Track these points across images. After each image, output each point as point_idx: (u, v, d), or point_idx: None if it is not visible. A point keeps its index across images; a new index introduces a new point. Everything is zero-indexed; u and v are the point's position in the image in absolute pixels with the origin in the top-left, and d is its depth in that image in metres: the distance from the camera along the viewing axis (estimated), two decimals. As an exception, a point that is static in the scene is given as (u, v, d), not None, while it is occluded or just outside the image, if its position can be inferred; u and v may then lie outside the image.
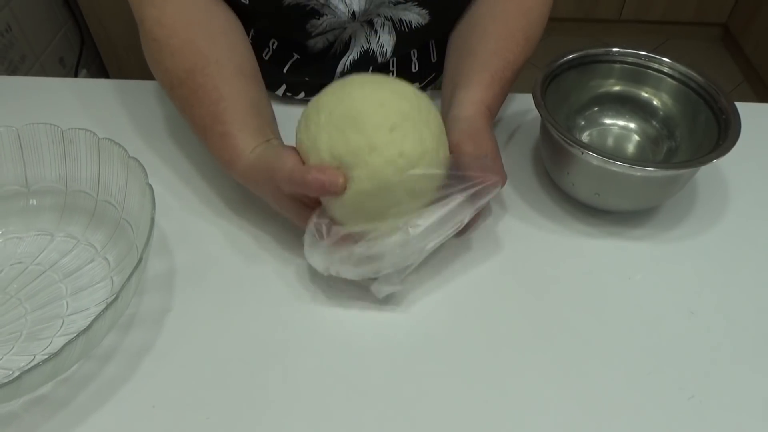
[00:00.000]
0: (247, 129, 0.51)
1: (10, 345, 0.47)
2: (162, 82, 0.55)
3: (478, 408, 0.43)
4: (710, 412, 0.44)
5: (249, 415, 0.43)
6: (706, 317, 0.49)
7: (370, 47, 0.64)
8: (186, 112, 0.54)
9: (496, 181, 0.47)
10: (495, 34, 0.58)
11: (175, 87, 0.53)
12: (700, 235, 0.55)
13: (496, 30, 0.58)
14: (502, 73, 0.55)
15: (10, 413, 0.43)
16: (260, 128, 0.52)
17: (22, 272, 0.51)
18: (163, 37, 0.53)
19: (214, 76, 0.52)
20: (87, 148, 0.52)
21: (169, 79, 0.54)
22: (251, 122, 0.52)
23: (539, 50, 0.62)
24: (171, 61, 0.53)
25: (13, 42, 1.27)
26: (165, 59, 0.53)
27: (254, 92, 0.54)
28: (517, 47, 0.57)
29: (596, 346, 0.47)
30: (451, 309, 0.49)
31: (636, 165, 0.49)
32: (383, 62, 0.65)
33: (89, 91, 0.69)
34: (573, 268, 0.52)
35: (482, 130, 0.51)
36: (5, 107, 0.67)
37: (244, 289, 0.50)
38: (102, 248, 0.53)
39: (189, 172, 0.60)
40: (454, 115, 0.53)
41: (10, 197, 0.54)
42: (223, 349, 0.47)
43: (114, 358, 0.46)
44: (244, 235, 0.54)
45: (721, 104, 0.54)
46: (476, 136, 0.50)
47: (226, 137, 0.51)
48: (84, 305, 0.49)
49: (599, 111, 0.62)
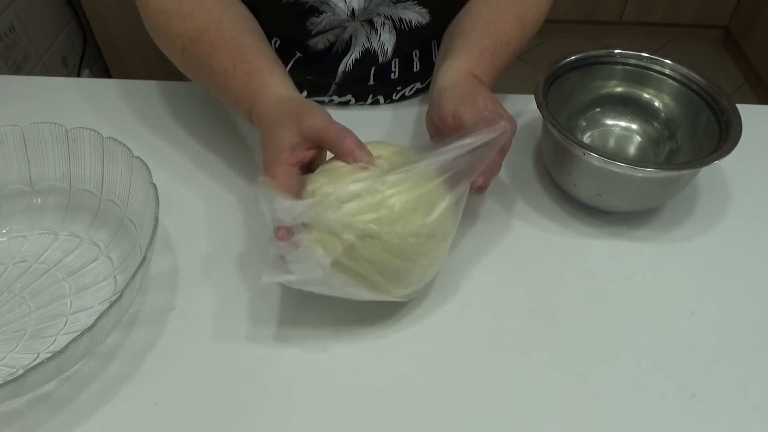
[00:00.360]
0: (276, 71, 0.50)
1: (14, 343, 0.47)
2: (173, 48, 0.54)
3: (479, 408, 0.44)
4: (710, 412, 0.44)
5: (250, 413, 0.43)
6: (707, 317, 0.49)
7: (371, 46, 0.64)
8: (203, 65, 0.52)
9: (503, 126, 0.44)
10: (488, 16, 0.57)
11: (187, 47, 0.52)
12: (701, 236, 0.55)
13: (489, 12, 0.58)
14: (493, 50, 0.54)
15: (14, 411, 0.43)
16: (287, 77, 0.51)
17: (25, 270, 0.52)
18: (171, 7, 0.53)
19: (230, 30, 0.51)
20: (91, 147, 0.52)
21: (181, 42, 0.53)
22: (278, 68, 0.51)
23: (540, 52, 0.62)
24: (182, 24, 0.52)
25: (17, 42, 1.27)
26: (175, 25, 0.53)
27: (272, 50, 0.53)
28: (511, 30, 0.56)
29: (597, 346, 0.47)
30: (450, 309, 0.49)
31: (637, 166, 0.49)
32: (384, 62, 0.66)
33: (92, 90, 0.70)
34: (574, 268, 0.53)
35: (471, 91, 0.50)
36: (9, 106, 0.67)
37: (247, 288, 0.51)
38: (105, 247, 0.53)
39: (192, 172, 0.60)
40: (439, 87, 0.52)
41: (15, 196, 0.54)
42: (226, 348, 0.47)
43: (117, 356, 0.46)
44: (247, 234, 0.54)
45: (722, 106, 0.54)
46: (468, 98, 0.49)
47: (254, 74, 0.50)
48: (87, 303, 0.49)
49: (601, 112, 0.62)
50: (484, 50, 0.54)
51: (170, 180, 0.59)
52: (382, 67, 0.66)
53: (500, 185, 0.59)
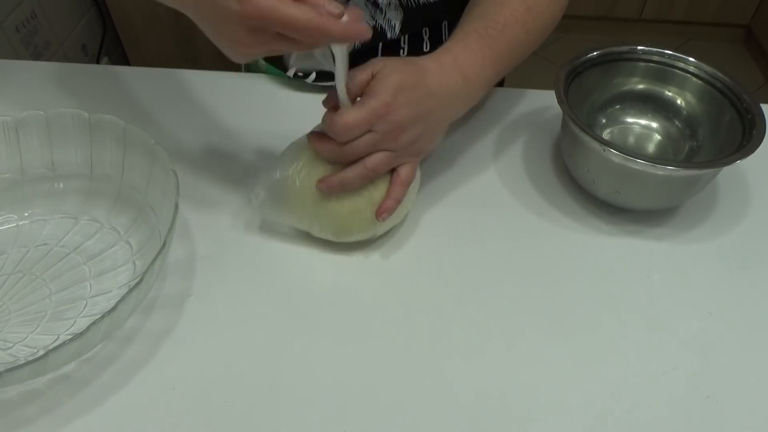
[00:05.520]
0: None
1: (35, 324, 0.48)
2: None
3: (494, 403, 0.44)
4: (726, 413, 0.43)
5: (266, 398, 0.44)
6: (724, 318, 0.49)
7: (376, 24, 0.62)
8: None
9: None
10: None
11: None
12: (720, 237, 0.55)
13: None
14: (483, 31, 0.52)
15: (35, 390, 0.44)
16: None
17: (46, 254, 0.52)
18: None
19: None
20: (112, 133, 0.53)
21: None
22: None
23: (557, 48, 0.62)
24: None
25: (38, 28, 1.28)
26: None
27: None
28: (512, 13, 0.53)
29: (612, 344, 0.47)
30: (467, 305, 0.50)
31: (658, 163, 0.49)
32: (393, 38, 0.64)
33: (113, 77, 0.70)
34: (591, 265, 0.52)
35: (402, 60, 0.48)
36: (31, 91, 0.68)
37: (263, 275, 0.51)
38: (125, 232, 0.53)
39: (209, 159, 0.60)
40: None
41: (37, 180, 0.55)
42: (242, 334, 0.47)
43: (135, 340, 0.47)
44: (265, 223, 0.55)
45: (746, 104, 0.53)
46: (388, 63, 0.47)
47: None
48: (107, 287, 0.50)
49: (621, 109, 0.61)
50: (472, 30, 0.52)
51: (188, 167, 0.59)
52: (391, 43, 0.65)
53: (518, 181, 0.59)
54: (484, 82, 0.53)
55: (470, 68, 0.51)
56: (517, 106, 0.67)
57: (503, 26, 0.53)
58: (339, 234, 0.51)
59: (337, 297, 0.50)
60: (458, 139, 0.63)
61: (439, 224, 0.55)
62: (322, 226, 0.51)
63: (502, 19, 0.53)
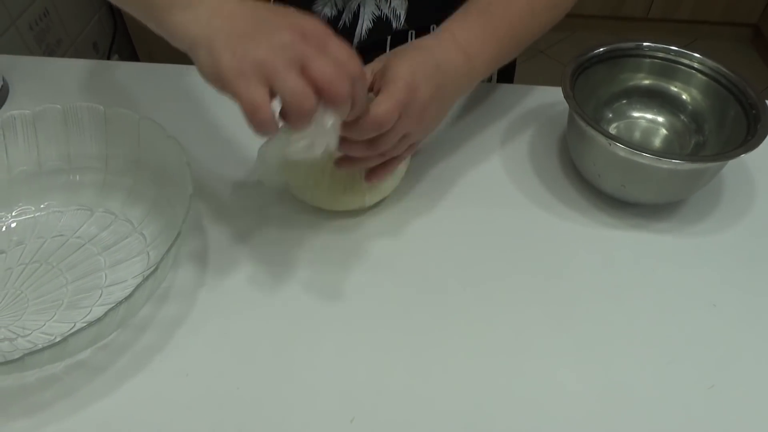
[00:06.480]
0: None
1: (51, 312, 0.49)
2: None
3: (497, 394, 0.45)
4: (730, 401, 0.44)
5: (277, 386, 0.45)
6: (728, 310, 0.50)
7: (381, 14, 0.62)
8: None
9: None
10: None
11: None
12: (725, 230, 0.56)
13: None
14: (485, 8, 0.51)
15: (53, 375, 0.45)
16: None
17: (62, 245, 0.54)
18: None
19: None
20: (127, 127, 0.54)
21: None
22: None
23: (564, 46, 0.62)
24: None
25: (50, 26, 1.30)
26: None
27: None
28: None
29: (617, 336, 0.48)
30: (473, 298, 0.50)
31: (663, 157, 0.50)
32: (399, 29, 0.64)
33: (124, 73, 0.71)
34: (596, 258, 0.53)
35: (407, 47, 0.48)
36: (45, 87, 0.69)
37: (274, 267, 0.52)
38: (139, 224, 0.54)
39: (221, 153, 0.61)
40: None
41: (54, 173, 0.56)
42: (253, 323, 0.48)
43: (149, 328, 0.48)
44: (277, 215, 0.56)
45: (751, 100, 0.54)
46: (395, 53, 0.47)
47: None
48: (121, 277, 0.51)
49: (627, 104, 0.62)
50: (473, 8, 0.52)
51: (200, 161, 0.60)
52: (398, 35, 0.65)
53: (525, 175, 0.60)
54: (487, 58, 0.52)
55: (469, 45, 0.51)
56: (524, 101, 0.67)
57: (507, 3, 0.52)
58: (330, 202, 0.54)
59: (348, 288, 0.51)
60: (465, 134, 0.64)
61: (446, 218, 0.56)
62: (314, 194, 0.53)
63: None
